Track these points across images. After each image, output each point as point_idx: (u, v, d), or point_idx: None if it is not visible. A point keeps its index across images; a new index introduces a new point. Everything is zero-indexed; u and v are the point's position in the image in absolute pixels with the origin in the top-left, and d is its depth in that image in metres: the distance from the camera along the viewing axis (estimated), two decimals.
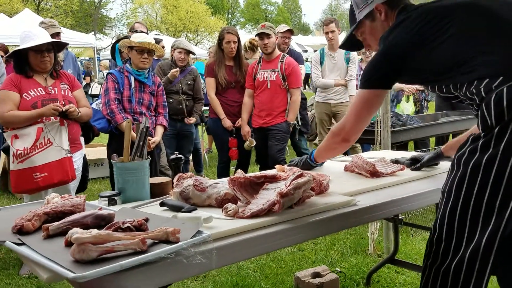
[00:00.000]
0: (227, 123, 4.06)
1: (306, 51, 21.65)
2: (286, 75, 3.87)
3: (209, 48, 7.75)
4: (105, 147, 3.79)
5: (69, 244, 1.08)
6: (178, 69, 4.28)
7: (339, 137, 1.70)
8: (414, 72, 1.47)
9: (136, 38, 3.20)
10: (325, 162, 2.07)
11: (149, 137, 3.13)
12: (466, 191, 1.28)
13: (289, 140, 4.65)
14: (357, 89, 5.08)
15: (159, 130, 3.35)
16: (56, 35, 4.03)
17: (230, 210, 1.40)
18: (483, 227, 1.25)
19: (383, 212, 1.59)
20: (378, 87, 1.56)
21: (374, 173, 1.90)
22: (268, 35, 3.89)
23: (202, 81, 4.85)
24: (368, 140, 3.65)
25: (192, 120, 4.45)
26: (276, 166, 1.92)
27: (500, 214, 1.23)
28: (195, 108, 4.49)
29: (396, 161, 2.05)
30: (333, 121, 5.05)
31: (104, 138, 5.78)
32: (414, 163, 2.00)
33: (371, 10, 1.61)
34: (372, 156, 2.17)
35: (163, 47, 4.15)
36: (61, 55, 3.63)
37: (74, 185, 2.89)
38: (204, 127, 6.29)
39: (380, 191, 1.73)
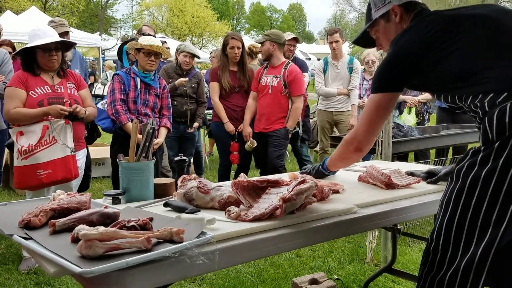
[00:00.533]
0: (229, 127, 4.09)
1: (309, 59, 21.74)
2: (288, 82, 3.89)
3: (211, 53, 7.80)
4: (107, 147, 3.82)
5: (75, 240, 1.11)
6: (187, 78, 4.34)
7: (351, 146, 1.67)
8: (422, 78, 1.47)
9: (143, 40, 3.25)
10: (338, 171, 2.05)
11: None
12: (464, 203, 1.30)
13: (290, 147, 4.68)
14: (360, 98, 5.13)
15: (163, 132, 3.38)
16: (65, 34, 4.07)
17: (233, 213, 1.43)
18: (478, 239, 1.27)
19: (382, 221, 1.61)
20: (390, 90, 1.54)
21: (390, 185, 1.87)
22: (261, 43, 3.94)
23: (205, 84, 4.90)
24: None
25: (196, 125, 4.49)
26: (289, 174, 1.93)
27: (496, 227, 1.25)
28: (198, 112, 4.53)
29: (411, 174, 2.02)
30: (335, 129, 5.08)
31: (106, 137, 5.81)
32: (430, 177, 1.98)
33: (387, 11, 1.61)
34: (386, 167, 2.13)
35: (168, 48, 4.20)
36: (69, 55, 3.66)
37: (76, 183, 2.91)
38: (206, 130, 6.32)
39: (393, 203, 1.72)
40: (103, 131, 3.44)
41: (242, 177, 1.61)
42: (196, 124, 4.48)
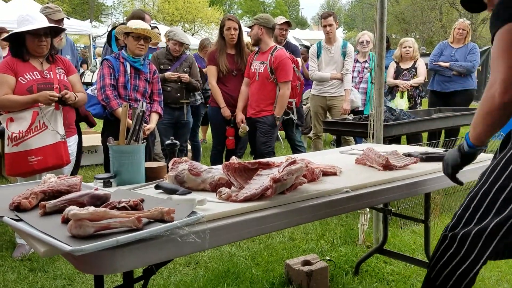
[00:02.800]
0: (226, 112, 4.07)
1: (303, 45, 21.58)
2: (273, 68, 3.79)
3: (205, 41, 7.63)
4: (99, 134, 3.80)
5: (66, 221, 1.11)
6: (176, 74, 4.28)
7: (491, 90, 1.32)
8: None
9: (132, 24, 3.20)
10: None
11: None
12: (496, 175, 1.35)
13: (284, 133, 4.68)
14: (352, 82, 5.14)
15: (154, 117, 3.37)
16: (61, 20, 4.00)
17: (224, 194, 1.44)
18: (496, 213, 1.32)
19: (372, 201, 1.63)
20: None
21: (387, 166, 1.87)
22: (250, 27, 3.90)
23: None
24: (360, 134, 3.70)
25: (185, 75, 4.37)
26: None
27: None
28: (194, 83, 4.45)
29: (408, 155, 2.00)
30: (328, 114, 5.09)
31: (98, 125, 5.78)
32: (428, 159, 1.96)
33: None
34: (383, 149, 2.10)
35: (159, 34, 4.15)
36: (63, 41, 3.60)
37: (68, 169, 2.90)
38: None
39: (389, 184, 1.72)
40: (93, 117, 3.42)
41: (233, 159, 1.62)
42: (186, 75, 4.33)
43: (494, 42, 1.34)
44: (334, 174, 1.80)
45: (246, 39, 4.52)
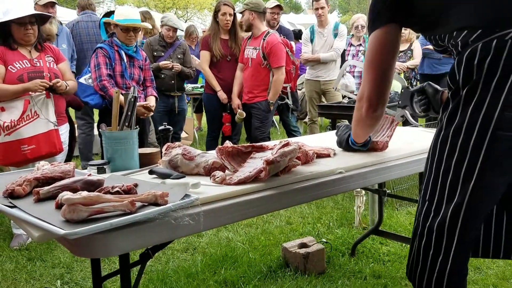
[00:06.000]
0: (222, 95, 4.06)
1: (297, 29, 21.39)
2: (266, 54, 3.77)
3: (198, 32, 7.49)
4: (96, 124, 3.78)
5: (59, 206, 1.11)
6: (170, 62, 4.23)
7: (360, 103, 1.39)
8: (408, 10, 1.28)
9: (119, 15, 3.13)
10: (368, 141, 1.77)
11: (144, 103, 3.14)
12: (437, 162, 1.21)
13: (279, 118, 4.67)
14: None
15: (152, 99, 3.34)
16: (50, 5, 3.93)
17: (218, 177, 1.44)
18: (448, 201, 1.19)
19: (365, 181, 1.64)
20: (384, 23, 1.29)
21: (381, 148, 1.83)
22: (241, 13, 3.86)
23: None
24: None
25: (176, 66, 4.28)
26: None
27: (464, 188, 1.16)
28: (187, 72, 4.42)
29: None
30: (323, 98, 5.08)
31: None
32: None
33: None
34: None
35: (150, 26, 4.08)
36: (54, 28, 3.54)
37: (61, 158, 2.90)
38: (193, 105, 6.28)
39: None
40: (93, 107, 3.38)
41: (227, 143, 1.62)
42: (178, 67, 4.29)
43: (367, 46, 1.36)
44: (328, 156, 1.80)
45: None
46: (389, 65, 1.33)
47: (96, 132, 4.39)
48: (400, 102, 1.71)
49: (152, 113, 3.26)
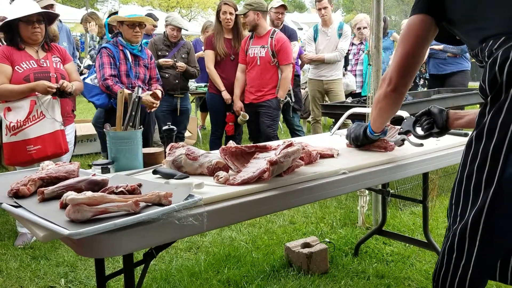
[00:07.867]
0: (226, 95, 4.08)
1: (301, 28, 21.36)
2: (275, 51, 3.84)
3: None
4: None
5: (64, 206, 1.12)
6: (171, 60, 4.24)
7: (384, 81, 1.43)
8: (441, 10, 1.31)
9: (125, 12, 3.16)
10: (386, 130, 1.80)
11: (151, 92, 3.16)
12: (462, 166, 1.21)
13: (282, 117, 4.68)
14: (347, 64, 5.10)
15: (159, 92, 3.33)
16: (49, 7, 3.96)
17: (221, 178, 1.44)
18: (472, 206, 1.17)
19: (368, 181, 1.64)
20: (419, 11, 1.34)
21: (387, 147, 1.83)
22: (245, 14, 3.85)
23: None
24: (359, 116, 3.69)
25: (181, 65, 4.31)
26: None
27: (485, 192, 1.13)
28: (191, 71, 4.42)
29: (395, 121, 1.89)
30: (326, 98, 5.07)
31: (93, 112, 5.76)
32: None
33: None
34: None
35: (156, 20, 4.11)
36: (54, 27, 3.56)
37: (67, 157, 2.91)
38: (198, 104, 6.29)
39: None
40: (99, 107, 3.38)
41: (230, 143, 1.62)
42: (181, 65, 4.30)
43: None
44: (331, 156, 1.80)
45: None
46: (415, 50, 1.37)
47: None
48: (402, 128, 1.81)
49: (158, 103, 3.25)
